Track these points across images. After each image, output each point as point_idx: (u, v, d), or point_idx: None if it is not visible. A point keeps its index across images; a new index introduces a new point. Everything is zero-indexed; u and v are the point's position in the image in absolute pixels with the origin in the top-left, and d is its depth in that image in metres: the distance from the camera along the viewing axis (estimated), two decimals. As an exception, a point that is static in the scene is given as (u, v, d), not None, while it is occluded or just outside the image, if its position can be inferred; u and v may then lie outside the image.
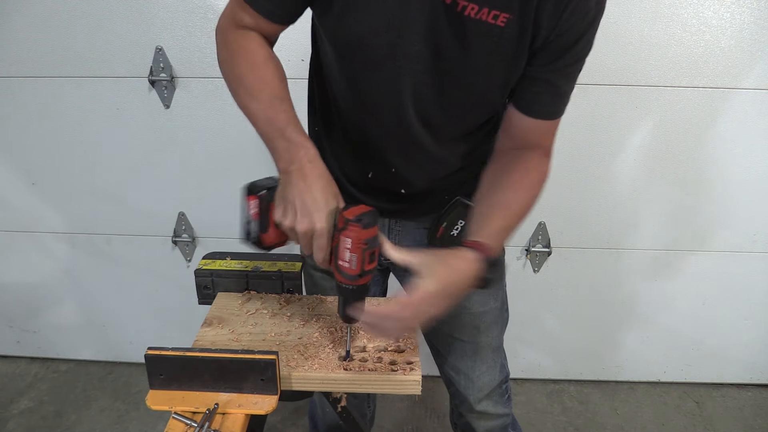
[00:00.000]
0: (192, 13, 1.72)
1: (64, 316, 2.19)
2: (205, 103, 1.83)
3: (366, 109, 0.97)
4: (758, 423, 2.04)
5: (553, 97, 0.95)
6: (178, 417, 0.81)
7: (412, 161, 1.02)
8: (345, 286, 0.84)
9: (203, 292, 1.09)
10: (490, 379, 1.26)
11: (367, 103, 0.96)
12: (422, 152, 1.01)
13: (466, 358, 1.24)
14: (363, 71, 0.92)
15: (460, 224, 1.08)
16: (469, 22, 0.84)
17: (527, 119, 0.97)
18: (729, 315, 2.06)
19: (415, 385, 0.88)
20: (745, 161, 1.83)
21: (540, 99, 0.95)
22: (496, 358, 1.26)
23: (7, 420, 1.98)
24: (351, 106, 0.99)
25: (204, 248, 2.04)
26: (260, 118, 0.89)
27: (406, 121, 0.95)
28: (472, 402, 1.28)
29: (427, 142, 0.99)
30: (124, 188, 1.97)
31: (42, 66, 1.81)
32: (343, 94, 0.99)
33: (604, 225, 1.94)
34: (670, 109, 1.77)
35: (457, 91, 0.92)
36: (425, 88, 0.92)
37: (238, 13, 0.93)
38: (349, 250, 0.80)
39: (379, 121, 0.97)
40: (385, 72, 0.90)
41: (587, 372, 2.20)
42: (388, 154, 1.01)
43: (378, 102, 0.95)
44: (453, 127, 1.00)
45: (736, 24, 1.66)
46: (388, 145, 1.00)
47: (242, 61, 0.92)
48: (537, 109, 0.96)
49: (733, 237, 1.94)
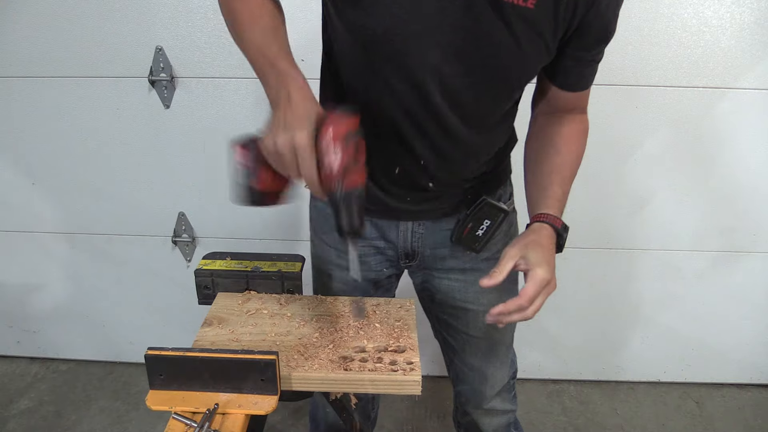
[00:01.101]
0: (192, 13, 1.72)
1: (64, 316, 2.19)
2: (205, 103, 1.83)
3: (395, 101, 0.95)
4: (758, 423, 2.03)
5: (590, 68, 0.99)
6: (178, 417, 0.81)
7: (440, 152, 1.01)
8: (334, 194, 0.77)
9: (203, 292, 1.09)
10: (502, 375, 1.28)
11: (395, 94, 0.94)
12: (451, 141, 1.00)
13: (480, 355, 1.26)
14: (391, 62, 0.91)
15: (486, 224, 1.10)
16: (499, 5, 0.84)
17: (565, 93, 1.01)
18: (729, 315, 2.06)
19: (415, 385, 0.88)
20: (745, 161, 1.83)
21: (577, 73, 0.99)
22: (508, 354, 1.29)
23: (7, 420, 1.98)
24: (376, 100, 0.96)
25: (204, 248, 2.04)
26: (252, 48, 0.87)
27: (435, 109, 0.95)
28: (485, 397, 1.29)
29: (456, 131, 0.99)
30: (124, 188, 1.97)
31: (42, 66, 1.81)
32: (367, 87, 0.96)
33: (604, 225, 1.94)
34: (670, 109, 1.77)
35: (490, 77, 0.92)
36: (456, 78, 0.91)
37: None
38: (332, 146, 0.75)
39: (407, 111, 0.96)
40: (414, 61, 0.89)
41: (587, 372, 2.20)
42: (416, 145, 1.00)
43: (406, 91, 0.93)
44: (483, 113, 0.99)
45: (736, 24, 1.66)
46: (416, 136, 0.99)
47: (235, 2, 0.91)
48: (574, 82, 1.00)
49: (733, 237, 1.94)
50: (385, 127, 0.99)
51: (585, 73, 1.00)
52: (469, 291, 1.19)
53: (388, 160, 1.04)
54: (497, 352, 1.26)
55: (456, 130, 0.98)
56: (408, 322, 1.00)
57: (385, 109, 0.96)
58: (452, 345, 1.29)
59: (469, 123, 0.98)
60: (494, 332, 1.23)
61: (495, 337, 1.24)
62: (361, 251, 1.16)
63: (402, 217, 1.12)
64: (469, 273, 1.17)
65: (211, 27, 1.74)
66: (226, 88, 1.81)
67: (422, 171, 1.04)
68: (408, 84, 0.92)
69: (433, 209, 1.11)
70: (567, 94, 1.02)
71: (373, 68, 0.93)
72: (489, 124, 1.02)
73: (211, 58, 1.78)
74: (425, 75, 0.90)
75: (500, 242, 1.16)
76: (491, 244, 1.14)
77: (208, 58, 1.77)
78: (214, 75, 1.80)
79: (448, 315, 1.25)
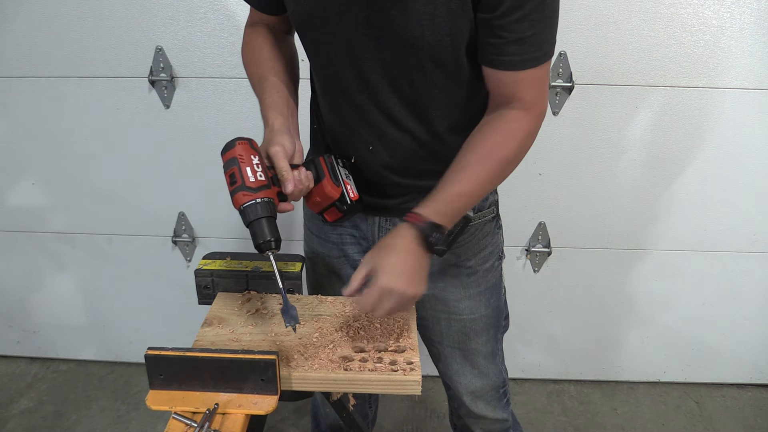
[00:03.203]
0: (192, 13, 1.72)
1: (64, 316, 2.19)
2: (205, 103, 1.83)
3: (337, 86, 1.00)
4: (758, 423, 2.03)
5: (514, 45, 0.88)
6: (178, 417, 0.81)
7: (387, 138, 1.02)
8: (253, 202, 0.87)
9: (203, 292, 1.09)
10: (482, 384, 1.26)
11: (337, 80, 0.99)
12: (397, 128, 1.00)
13: (456, 364, 1.24)
14: (319, 47, 0.98)
15: None
16: None
17: (495, 72, 0.92)
18: (729, 315, 2.06)
19: (415, 386, 0.88)
20: (745, 161, 1.83)
21: (500, 49, 0.89)
22: (488, 364, 1.25)
23: (7, 420, 1.98)
24: (322, 88, 1.05)
25: (204, 248, 2.04)
26: (257, 97, 1.02)
27: (372, 90, 0.96)
28: (467, 406, 1.28)
29: (399, 117, 0.99)
30: (124, 188, 1.97)
31: (42, 66, 1.81)
32: (316, 76, 1.06)
33: (604, 225, 1.94)
34: (670, 109, 1.77)
35: (404, 49, 0.91)
36: (374, 52, 0.92)
37: (250, 12, 1.10)
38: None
39: (347, 94, 0.99)
40: (335, 43, 0.94)
41: (587, 372, 2.20)
42: (362, 131, 1.02)
43: (342, 75, 0.97)
44: (420, 95, 0.97)
45: (736, 24, 1.66)
46: (361, 121, 1.01)
47: (245, 51, 1.08)
48: (497, 59, 0.91)
49: (733, 237, 1.94)
50: (338, 112, 1.04)
51: (517, 49, 0.89)
52: (439, 300, 1.17)
53: (345, 147, 1.06)
54: (475, 362, 1.23)
55: (399, 116, 0.99)
56: (408, 322, 1.00)
57: (333, 93, 1.03)
58: (431, 353, 1.29)
59: (412, 109, 0.98)
60: (469, 342, 1.21)
61: (470, 348, 1.22)
62: (341, 239, 1.19)
63: (368, 211, 1.11)
64: (437, 279, 1.14)
65: (211, 27, 1.74)
66: (226, 88, 1.81)
67: (374, 158, 1.04)
68: (340, 66, 0.96)
69: (397, 207, 1.10)
70: (498, 76, 0.92)
71: (313, 53, 1.00)
72: (433, 113, 1.00)
73: (211, 58, 1.78)
74: (351, 54, 0.94)
75: (470, 250, 1.15)
76: (461, 250, 1.13)
77: (208, 58, 1.77)
78: (214, 75, 1.79)
79: (421, 326, 1.23)
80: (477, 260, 1.16)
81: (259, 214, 0.87)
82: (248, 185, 0.87)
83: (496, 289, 1.22)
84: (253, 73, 1.04)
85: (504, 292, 1.26)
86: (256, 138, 0.95)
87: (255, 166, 0.88)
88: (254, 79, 1.04)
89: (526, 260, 2.00)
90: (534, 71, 0.91)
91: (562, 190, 1.89)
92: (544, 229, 1.96)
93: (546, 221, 1.95)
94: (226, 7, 1.71)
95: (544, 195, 1.90)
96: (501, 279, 1.24)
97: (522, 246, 1.99)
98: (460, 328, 1.19)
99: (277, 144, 0.91)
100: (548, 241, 1.97)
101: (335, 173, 0.99)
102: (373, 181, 1.07)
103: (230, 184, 0.89)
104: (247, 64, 1.07)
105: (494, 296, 1.21)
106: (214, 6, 1.71)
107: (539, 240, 1.97)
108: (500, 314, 1.25)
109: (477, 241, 1.15)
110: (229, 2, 1.71)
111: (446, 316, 1.19)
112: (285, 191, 0.91)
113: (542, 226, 1.95)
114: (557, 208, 1.92)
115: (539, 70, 0.92)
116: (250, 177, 0.87)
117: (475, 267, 1.16)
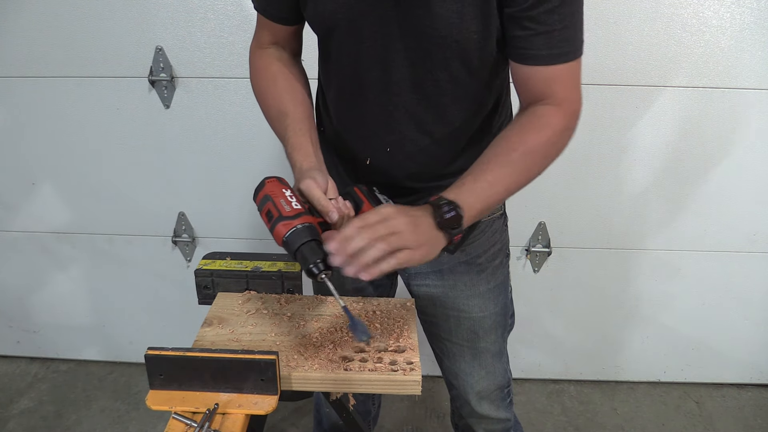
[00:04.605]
0: (192, 13, 1.72)
1: (64, 316, 2.19)
2: (205, 103, 1.83)
3: (356, 89, 0.98)
4: (758, 423, 2.04)
5: (543, 37, 0.86)
6: (178, 417, 0.81)
7: (405, 139, 1.01)
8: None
9: (203, 292, 1.09)
10: (488, 383, 1.26)
11: (352, 81, 0.98)
12: (416, 127, 1.00)
13: (464, 363, 1.24)
14: (342, 47, 0.95)
15: None
16: None
17: (523, 68, 0.91)
18: (729, 315, 2.06)
19: (415, 386, 0.88)
20: (745, 161, 1.83)
21: (528, 41, 0.87)
22: (495, 363, 1.25)
23: (7, 420, 1.98)
24: (338, 90, 1.03)
25: (204, 248, 2.04)
26: (275, 132, 1.00)
27: (395, 90, 0.96)
28: (472, 405, 1.27)
29: (419, 113, 0.98)
30: (124, 188, 1.97)
31: (42, 66, 1.81)
32: (331, 78, 1.03)
33: (604, 225, 1.94)
34: (670, 109, 1.77)
35: (431, 48, 0.90)
36: (401, 53, 0.92)
37: (258, 32, 1.05)
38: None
39: (367, 97, 0.98)
40: (359, 43, 0.92)
41: (587, 372, 2.20)
42: (381, 132, 1.01)
43: (362, 76, 0.96)
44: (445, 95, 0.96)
45: (736, 24, 1.66)
46: (379, 122, 1.00)
47: (259, 81, 1.05)
48: (527, 54, 0.89)
49: (733, 237, 1.94)
50: (355, 113, 1.02)
51: (545, 43, 0.87)
52: (449, 297, 1.18)
53: (359, 149, 1.05)
54: (483, 361, 1.23)
55: (420, 116, 0.98)
56: (408, 322, 1.00)
57: (351, 95, 1.00)
58: (437, 352, 1.29)
59: (435, 110, 0.98)
60: (478, 341, 1.21)
61: (479, 346, 1.22)
62: None
63: None
64: (447, 277, 1.15)
65: (211, 27, 1.74)
66: (226, 88, 1.81)
67: (390, 160, 1.03)
68: (363, 67, 0.95)
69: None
70: (527, 71, 0.91)
71: (334, 55, 0.98)
72: (454, 114, 0.99)
73: (211, 58, 1.78)
74: (376, 54, 0.93)
75: (481, 247, 1.15)
76: (471, 248, 1.14)
77: (208, 58, 1.77)
78: (214, 75, 1.80)
79: (430, 323, 1.24)
80: (486, 257, 1.16)
81: (302, 239, 0.82)
82: (285, 215, 0.83)
83: (504, 287, 1.23)
84: (270, 107, 1.01)
85: (510, 290, 1.27)
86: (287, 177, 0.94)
87: (288, 197, 0.85)
88: (272, 113, 1.01)
89: (526, 260, 2.00)
90: (564, 68, 0.89)
91: (562, 190, 1.88)
92: (544, 229, 1.96)
93: (546, 221, 1.95)
94: (226, 7, 1.71)
95: (544, 195, 1.90)
96: (508, 277, 1.24)
97: (522, 246, 1.99)
98: (469, 326, 1.19)
99: (309, 178, 0.87)
100: (548, 241, 1.97)
101: (374, 198, 0.95)
102: (387, 183, 1.06)
103: (268, 222, 0.85)
104: (262, 96, 1.03)
105: (502, 294, 1.22)
106: (214, 6, 1.71)
107: (539, 240, 1.97)
108: (507, 312, 1.25)
109: (487, 238, 1.15)
110: (229, 2, 1.71)
111: (456, 313, 1.19)
112: (330, 220, 0.86)
113: (542, 226, 1.95)
114: (557, 208, 1.92)
115: (570, 67, 0.90)
116: (285, 207, 0.84)
117: (485, 264, 1.16)
